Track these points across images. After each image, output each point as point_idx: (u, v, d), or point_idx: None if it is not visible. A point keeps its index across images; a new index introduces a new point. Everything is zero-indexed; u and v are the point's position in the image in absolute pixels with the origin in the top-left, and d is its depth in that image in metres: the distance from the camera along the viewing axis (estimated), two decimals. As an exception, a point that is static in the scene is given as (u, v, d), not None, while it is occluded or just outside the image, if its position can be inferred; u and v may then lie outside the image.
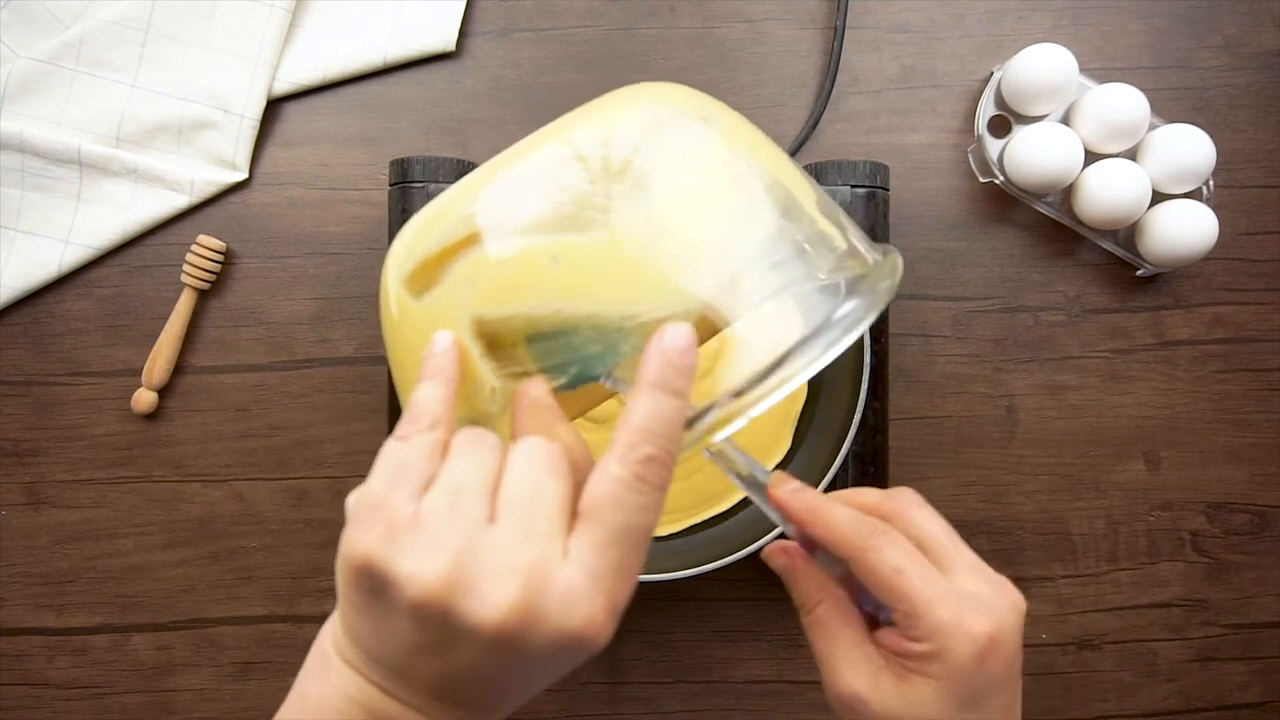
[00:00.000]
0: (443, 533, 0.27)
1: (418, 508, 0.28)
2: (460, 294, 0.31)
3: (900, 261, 0.35)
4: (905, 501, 0.35)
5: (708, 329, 0.30)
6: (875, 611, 0.34)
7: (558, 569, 0.27)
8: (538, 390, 0.30)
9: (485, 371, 0.31)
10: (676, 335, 0.28)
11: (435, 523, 0.27)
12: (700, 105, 0.36)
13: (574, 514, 0.28)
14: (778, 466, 0.56)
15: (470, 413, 0.32)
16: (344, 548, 0.29)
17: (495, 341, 0.31)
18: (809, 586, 0.35)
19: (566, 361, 0.30)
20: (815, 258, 0.32)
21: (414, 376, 0.31)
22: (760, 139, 0.36)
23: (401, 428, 0.30)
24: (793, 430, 0.56)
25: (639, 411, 0.28)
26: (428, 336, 0.31)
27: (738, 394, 0.29)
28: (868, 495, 0.36)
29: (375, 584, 0.28)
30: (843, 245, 0.33)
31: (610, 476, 0.28)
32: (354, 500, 0.29)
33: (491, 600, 0.26)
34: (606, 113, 0.34)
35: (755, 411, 0.29)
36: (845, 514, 0.34)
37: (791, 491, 0.34)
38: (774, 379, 0.29)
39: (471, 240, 0.31)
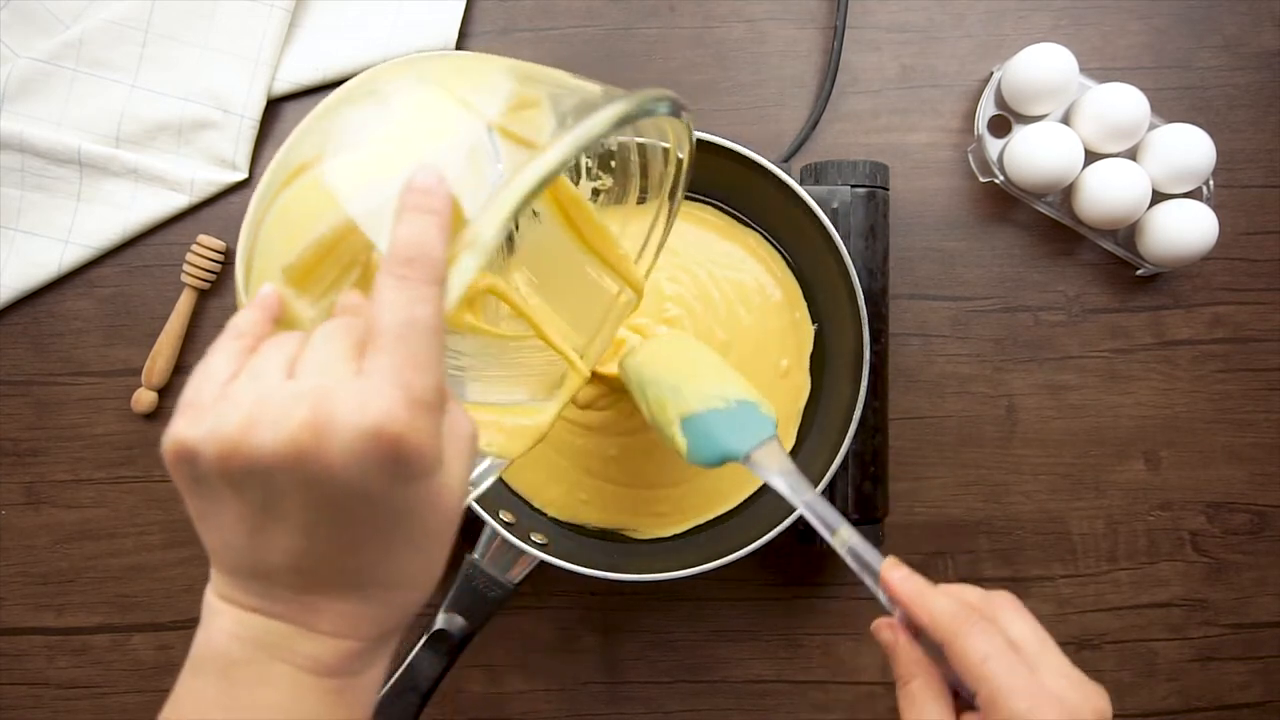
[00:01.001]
0: (241, 397, 0.27)
1: (224, 392, 0.27)
2: (273, 253, 0.33)
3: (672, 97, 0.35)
4: (1002, 603, 0.38)
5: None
6: (966, 695, 0.37)
7: (346, 383, 0.26)
8: (348, 298, 0.30)
9: (303, 312, 0.32)
10: (420, 171, 0.28)
11: (235, 393, 0.27)
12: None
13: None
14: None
15: None
16: (162, 448, 0.28)
17: (304, 280, 0.32)
18: (908, 661, 0.38)
19: (351, 264, 0.31)
20: (567, 96, 0.33)
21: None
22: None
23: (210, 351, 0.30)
24: (796, 428, 0.56)
25: (395, 236, 0.28)
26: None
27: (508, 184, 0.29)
28: (970, 593, 0.39)
29: (189, 464, 0.27)
30: (598, 89, 0.34)
31: (380, 290, 0.27)
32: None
33: (280, 425, 0.25)
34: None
35: (528, 183, 0.28)
36: (946, 603, 0.37)
37: (901, 578, 0.38)
38: (539, 162, 0.29)
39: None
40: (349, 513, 0.26)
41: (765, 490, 0.56)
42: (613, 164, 0.43)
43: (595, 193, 0.45)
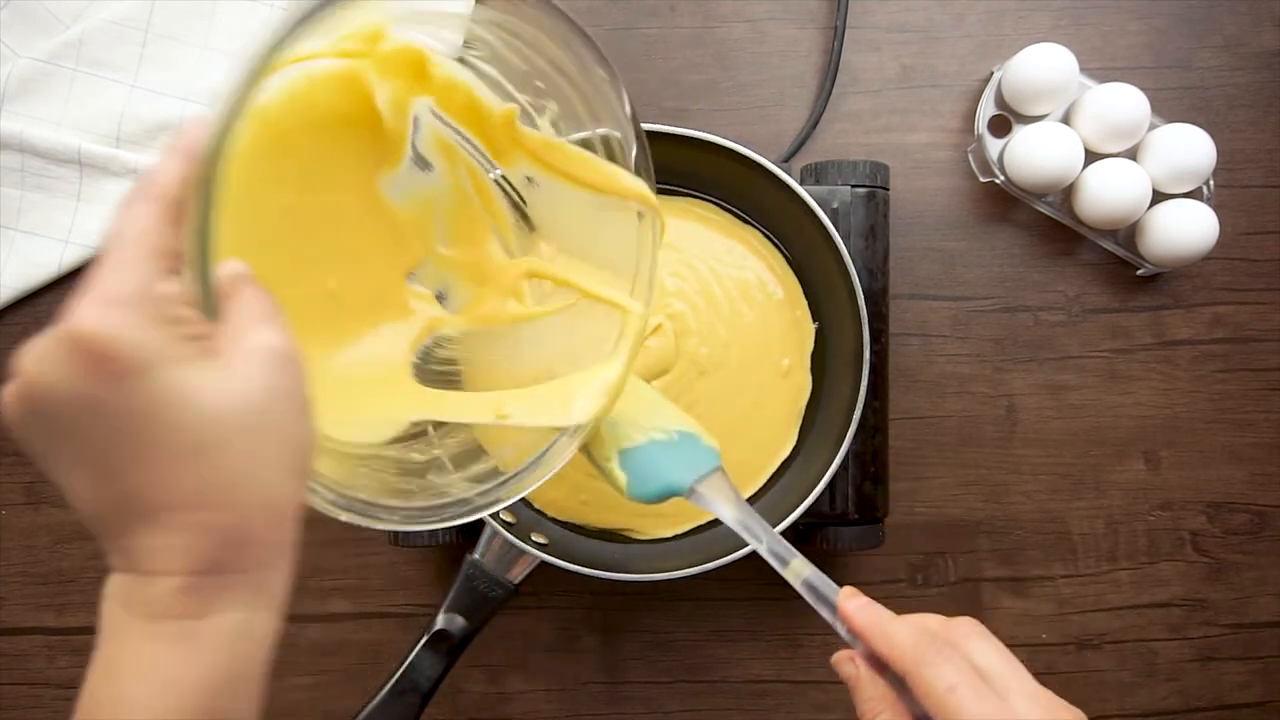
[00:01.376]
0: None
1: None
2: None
3: None
4: (967, 630, 0.36)
5: None
6: None
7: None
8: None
9: None
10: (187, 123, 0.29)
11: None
12: None
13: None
14: (783, 465, 0.56)
15: None
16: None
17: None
18: (871, 696, 0.37)
19: None
20: None
21: None
22: None
23: None
24: (798, 428, 0.56)
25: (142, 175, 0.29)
26: None
27: None
28: (931, 620, 0.37)
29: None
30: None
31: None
32: None
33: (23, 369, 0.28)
34: None
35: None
36: (907, 631, 0.35)
37: (858, 608, 0.36)
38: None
39: None
40: (87, 433, 0.26)
41: (765, 492, 0.56)
42: (538, 83, 0.41)
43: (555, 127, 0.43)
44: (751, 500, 0.56)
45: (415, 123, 0.41)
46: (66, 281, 0.59)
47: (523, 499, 0.55)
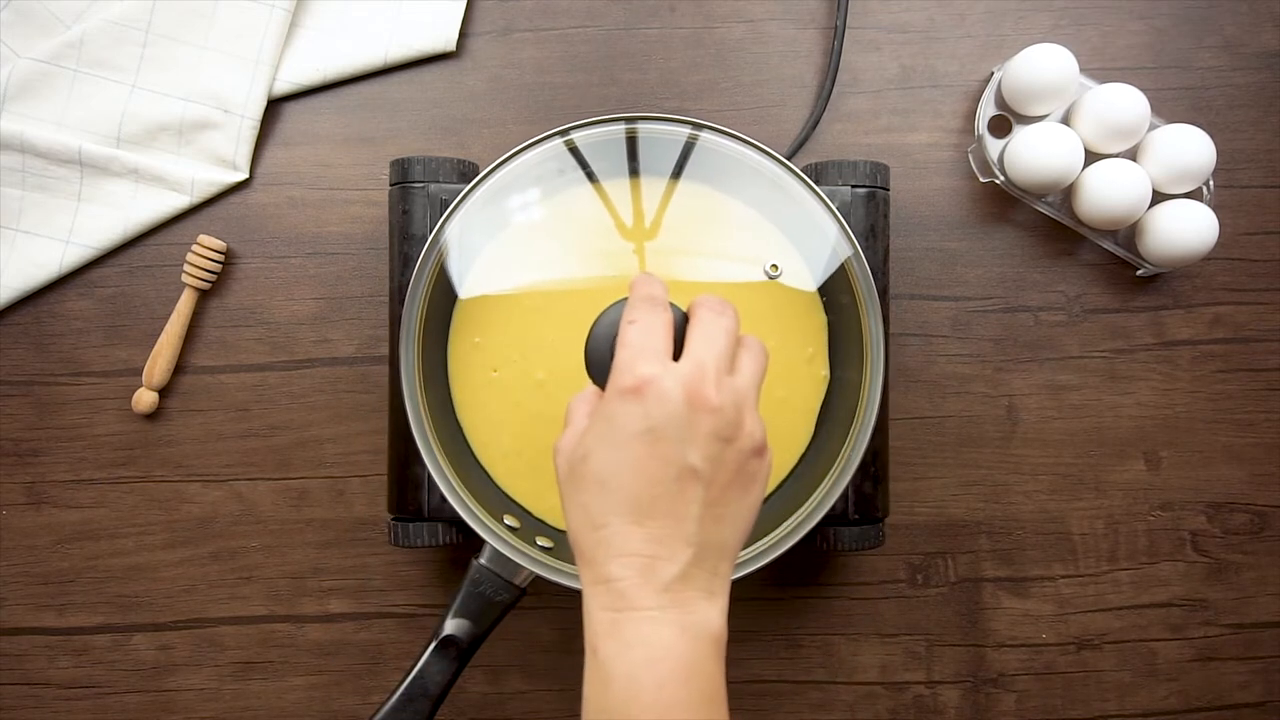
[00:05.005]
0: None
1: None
2: None
3: None
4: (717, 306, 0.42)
5: None
6: None
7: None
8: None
9: None
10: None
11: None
12: None
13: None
14: (801, 458, 0.55)
15: None
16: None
17: None
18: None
19: None
20: None
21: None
22: None
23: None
24: (814, 422, 0.55)
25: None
26: None
27: None
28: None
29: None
30: None
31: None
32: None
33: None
34: None
35: None
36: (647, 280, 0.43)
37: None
38: None
39: None
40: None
41: (780, 487, 0.56)
42: None
43: None
44: (770, 496, 0.55)
45: None
46: (67, 281, 0.60)
47: (523, 506, 0.55)
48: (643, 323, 0.38)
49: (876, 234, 0.55)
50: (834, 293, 0.55)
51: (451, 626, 0.49)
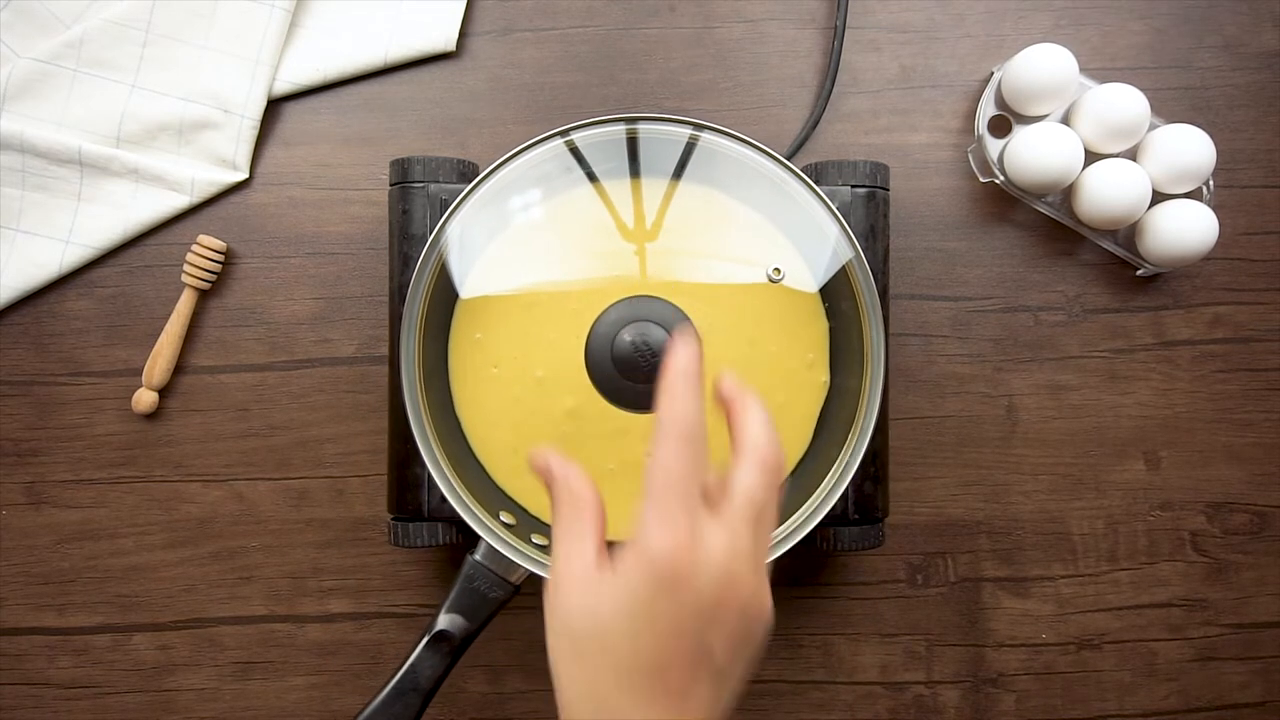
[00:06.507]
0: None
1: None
2: None
3: None
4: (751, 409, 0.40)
5: None
6: None
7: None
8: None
9: None
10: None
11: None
12: None
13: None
14: (798, 464, 0.55)
15: None
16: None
17: None
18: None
19: None
20: None
21: None
22: None
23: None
24: (813, 427, 0.55)
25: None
26: None
27: None
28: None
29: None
30: None
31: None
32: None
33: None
34: None
35: None
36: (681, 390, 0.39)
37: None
38: None
39: None
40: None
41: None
42: None
43: None
44: None
45: None
46: (66, 281, 0.60)
47: (519, 503, 0.55)
48: (673, 466, 0.35)
49: (876, 234, 0.55)
50: (835, 298, 0.55)
51: (444, 622, 0.49)
